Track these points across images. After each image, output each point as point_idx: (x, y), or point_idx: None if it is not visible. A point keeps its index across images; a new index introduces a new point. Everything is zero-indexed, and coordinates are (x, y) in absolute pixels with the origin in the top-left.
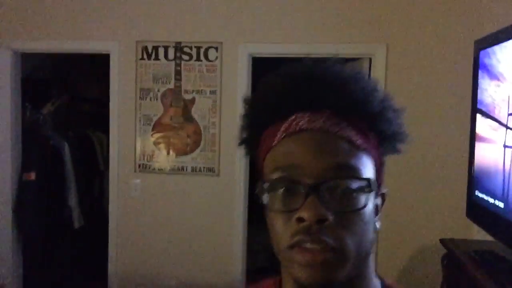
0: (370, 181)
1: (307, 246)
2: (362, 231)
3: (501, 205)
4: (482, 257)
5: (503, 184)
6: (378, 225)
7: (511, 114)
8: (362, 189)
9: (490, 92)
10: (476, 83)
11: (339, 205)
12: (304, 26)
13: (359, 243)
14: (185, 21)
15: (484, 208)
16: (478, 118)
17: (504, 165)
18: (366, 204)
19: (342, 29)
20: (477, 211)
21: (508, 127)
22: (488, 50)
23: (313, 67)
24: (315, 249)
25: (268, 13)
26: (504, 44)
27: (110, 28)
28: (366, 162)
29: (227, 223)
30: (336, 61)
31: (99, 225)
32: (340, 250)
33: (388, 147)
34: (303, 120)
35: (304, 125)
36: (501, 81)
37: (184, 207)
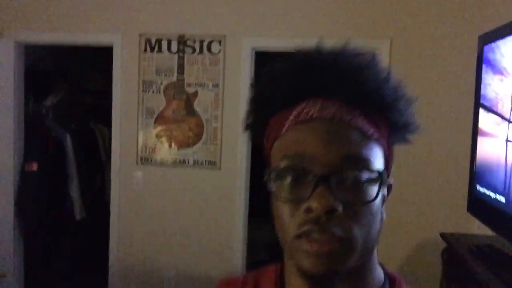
0: (381, 173)
1: (315, 236)
2: (370, 223)
3: (503, 200)
4: (483, 251)
5: (505, 179)
6: (384, 216)
7: None
8: (372, 181)
9: (494, 87)
10: (480, 78)
11: (349, 197)
12: (308, 21)
13: (367, 235)
14: (189, 14)
15: (485, 203)
16: (481, 113)
17: (506, 160)
18: (376, 197)
19: (346, 24)
20: (478, 206)
21: (511, 122)
22: (492, 45)
23: (326, 54)
24: (323, 240)
25: (272, 7)
26: (509, 39)
27: (113, 21)
28: (377, 153)
29: (228, 217)
30: (350, 49)
31: (101, 217)
32: (348, 241)
33: (398, 137)
34: (315, 108)
35: (316, 113)
36: (505, 76)
37: (185, 200)
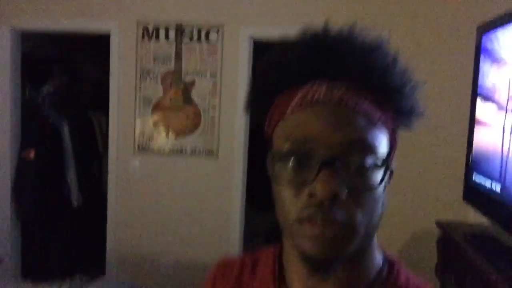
0: (385, 159)
1: (317, 221)
2: (373, 208)
3: (498, 189)
4: (478, 240)
5: (501, 168)
6: (386, 201)
7: None
8: (377, 167)
9: (491, 76)
10: (478, 68)
11: (353, 182)
12: (307, 9)
13: (369, 220)
14: (187, 2)
15: (481, 192)
16: (478, 102)
17: (503, 149)
18: (381, 182)
19: (345, 14)
20: (474, 195)
21: (508, 110)
22: (491, 35)
23: (333, 35)
24: (325, 224)
25: None
26: (507, 28)
27: (111, 8)
28: (382, 139)
29: (225, 205)
30: (358, 30)
31: (98, 205)
32: (350, 226)
33: (403, 123)
34: (320, 90)
35: (321, 96)
36: (502, 65)
37: (183, 189)
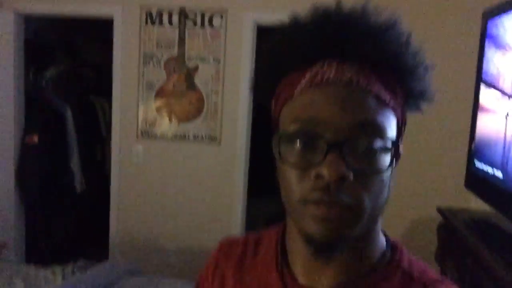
0: (394, 142)
1: (323, 203)
2: (380, 191)
3: (500, 175)
4: (479, 226)
5: (503, 155)
6: (393, 184)
7: None
8: (385, 150)
9: (496, 62)
10: (483, 53)
11: (361, 165)
12: None
13: (376, 203)
14: None
15: (483, 179)
16: (482, 89)
17: (505, 136)
18: (388, 166)
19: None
20: (476, 181)
21: None
22: (496, 20)
23: (345, 13)
24: (331, 206)
25: None
26: None
27: None
28: (391, 121)
29: (228, 192)
30: (371, 9)
31: (101, 190)
32: (356, 209)
33: (412, 106)
34: (330, 70)
35: (331, 76)
36: (507, 51)
37: (185, 174)
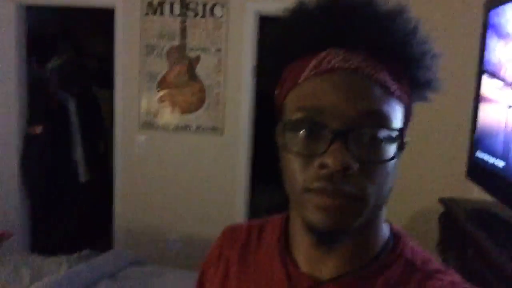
0: (400, 132)
1: (327, 192)
2: (384, 182)
3: (501, 165)
4: (480, 216)
5: (504, 144)
6: (397, 174)
7: None
8: (391, 140)
9: (498, 52)
10: (484, 43)
11: (365, 155)
12: None
13: (379, 193)
14: None
15: (485, 168)
16: (484, 78)
17: (507, 126)
18: (393, 156)
19: None
20: (478, 171)
21: None
22: (498, 10)
23: (353, 0)
24: (335, 196)
25: None
26: None
27: None
28: (397, 111)
29: (230, 182)
30: None
31: (105, 180)
32: (360, 199)
33: (419, 95)
34: (337, 58)
35: (338, 64)
36: (509, 41)
37: (188, 165)
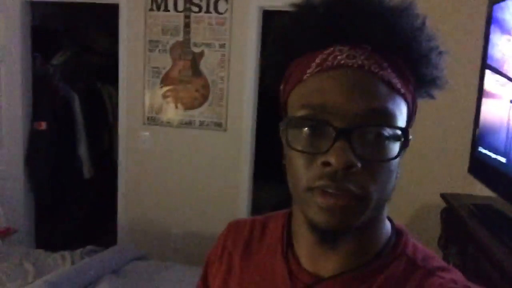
0: (404, 131)
1: (330, 191)
2: (387, 180)
3: (503, 161)
4: (481, 212)
5: (506, 140)
6: (400, 172)
7: None
8: (395, 138)
9: (501, 47)
10: (488, 38)
11: (369, 153)
12: None
13: (382, 192)
14: None
15: (487, 164)
16: (487, 74)
17: (509, 121)
18: (397, 155)
19: None
20: (480, 167)
21: None
22: (502, 4)
23: None
24: (338, 194)
25: None
26: None
27: None
28: (402, 109)
29: (234, 178)
30: None
31: (109, 176)
32: (363, 198)
33: (424, 92)
34: (342, 55)
35: (343, 61)
36: None
37: (192, 161)
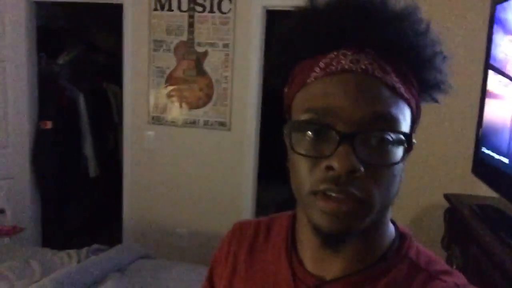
0: (407, 136)
1: (332, 195)
2: (391, 184)
3: (506, 161)
4: (484, 212)
5: (509, 141)
6: (403, 176)
7: None
8: (398, 143)
9: (504, 48)
10: (491, 38)
11: (372, 158)
12: None
13: (385, 196)
14: None
15: (490, 165)
16: (490, 74)
17: None
18: (401, 160)
19: None
20: (483, 168)
21: None
22: (505, 4)
23: (363, 1)
24: (340, 199)
25: None
26: None
27: None
28: (406, 114)
29: (238, 177)
30: None
31: (114, 175)
32: (366, 203)
33: (427, 96)
34: (346, 59)
35: (347, 65)
36: None
37: (196, 160)
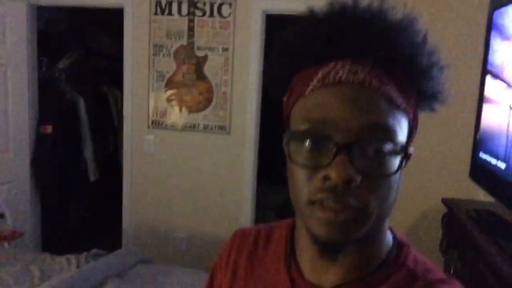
0: (404, 146)
1: (329, 205)
2: (388, 194)
3: (503, 166)
4: (481, 217)
5: (506, 145)
6: (401, 185)
7: None
8: (395, 153)
9: (501, 53)
10: (488, 44)
11: (369, 168)
12: None
13: (382, 206)
14: None
15: (487, 169)
16: (488, 80)
17: (509, 127)
18: (397, 170)
19: None
20: (480, 172)
21: None
22: (502, 10)
23: (361, 11)
24: (338, 208)
25: None
26: None
27: None
28: (403, 124)
29: (237, 181)
30: (387, 7)
31: (114, 179)
32: (363, 212)
33: (425, 106)
34: (343, 70)
35: (344, 76)
36: None
37: (196, 164)
